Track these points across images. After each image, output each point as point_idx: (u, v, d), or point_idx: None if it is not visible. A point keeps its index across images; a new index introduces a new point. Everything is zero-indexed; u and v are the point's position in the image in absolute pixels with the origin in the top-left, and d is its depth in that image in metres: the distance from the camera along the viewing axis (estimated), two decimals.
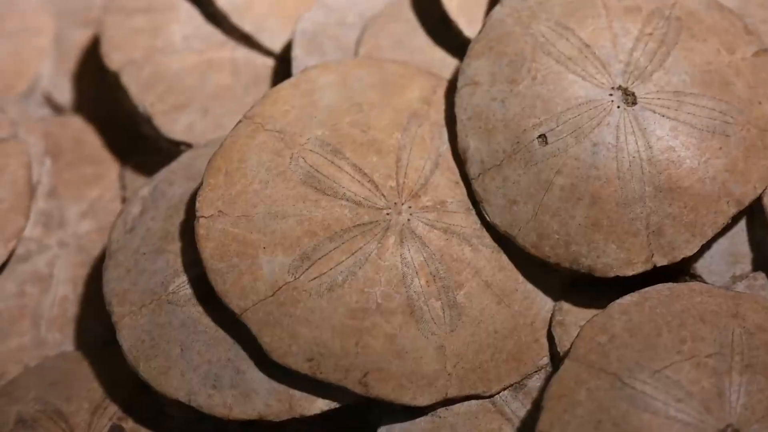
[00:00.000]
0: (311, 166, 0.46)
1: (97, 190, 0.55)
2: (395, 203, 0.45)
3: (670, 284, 0.45)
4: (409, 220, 0.45)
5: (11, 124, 0.52)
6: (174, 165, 0.50)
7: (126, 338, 0.45)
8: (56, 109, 0.62)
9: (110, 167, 0.57)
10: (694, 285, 0.45)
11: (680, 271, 0.46)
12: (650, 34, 0.47)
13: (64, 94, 0.62)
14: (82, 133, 0.58)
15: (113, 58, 0.55)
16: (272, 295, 0.44)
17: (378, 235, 0.45)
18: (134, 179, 0.56)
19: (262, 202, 0.45)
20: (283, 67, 0.54)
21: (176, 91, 0.54)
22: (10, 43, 0.61)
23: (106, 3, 0.58)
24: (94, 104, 0.61)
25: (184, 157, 0.50)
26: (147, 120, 0.53)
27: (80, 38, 0.63)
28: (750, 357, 0.42)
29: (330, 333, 0.44)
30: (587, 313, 0.46)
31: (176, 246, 0.47)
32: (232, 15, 0.54)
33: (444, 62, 0.52)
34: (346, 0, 0.54)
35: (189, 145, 0.52)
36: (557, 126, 0.45)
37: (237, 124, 0.47)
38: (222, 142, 0.47)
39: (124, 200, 0.56)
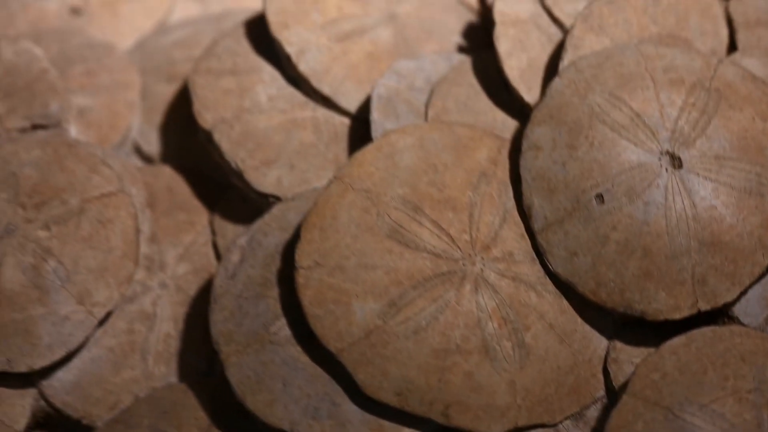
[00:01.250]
0: (395, 221, 0.52)
1: (190, 236, 0.62)
2: (470, 255, 0.52)
3: (713, 327, 0.51)
4: (482, 269, 0.52)
5: (118, 178, 0.58)
6: (267, 217, 0.56)
7: (233, 375, 0.51)
8: (144, 158, 0.68)
9: (201, 214, 0.63)
10: (734, 328, 0.51)
11: (720, 313, 0.53)
12: (693, 104, 0.53)
13: (152, 145, 0.68)
14: (173, 182, 0.64)
15: (206, 117, 0.61)
16: (365, 337, 0.50)
17: (455, 284, 0.51)
18: (223, 225, 0.62)
19: (354, 255, 0.52)
20: (358, 125, 0.61)
21: (264, 148, 0.60)
22: (104, 98, 0.68)
23: (194, 65, 0.64)
24: (180, 154, 0.67)
25: (276, 210, 0.57)
26: (238, 174, 0.59)
27: (164, 92, 0.69)
28: None
29: (416, 371, 0.50)
30: (638, 352, 0.52)
31: (275, 292, 0.53)
32: (312, 79, 0.61)
33: (505, 123, 0.58)
34: (414, 66, 0.61)
35: (277, 198, 0.58)
36: (612, 187, 0.52)
37: (328, 184, 0.53)
38: (315, 200, 0.53)
39: (215, 244, 0.62)
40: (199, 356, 0.58)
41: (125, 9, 0.76)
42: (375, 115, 0.58)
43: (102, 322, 0.56)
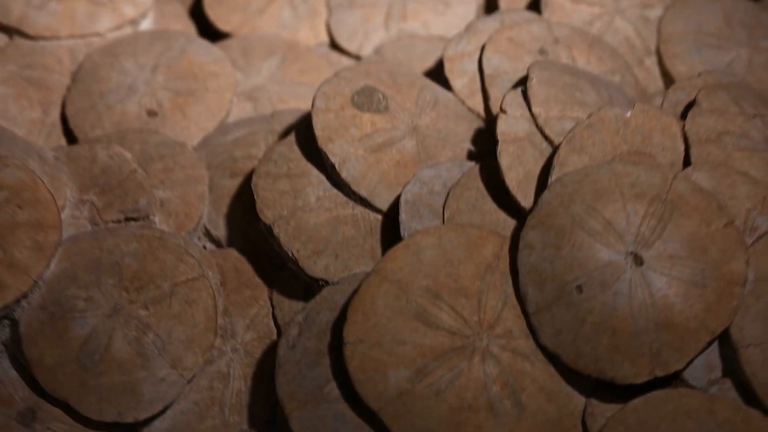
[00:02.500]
0: (420, 306, 0.67)
1: (254, 309, 0.76)
2: (478, 333, 0.66)
3: (666, 390, 0.66)
4: (488, 344, 0.66)
5: (199, 264, 0.73)
6: (318, 298, 0.71)
7: (296, 426, 0.66)
8: (213, 241, 0.82)
9: (262, 290, 0.78)
10: (682, 390, 0.66)
11: (673, 377, 0.67)
12: (652, 213, 0.68)
13: (219, 230, 0.82)
14: (239, 263, 0.79)
15: (266, 214, 0.76)
16: (397, 398, 0.65)
17: (467, 356, 0.66)
18: (280, 299, 0.77)
19: (388, 333, 0.66)
20: (389, 221, 0.75)
21: (314, 240, 0.74)
22: (179, 191, 0.82)
23: (256, 168, 0.78)
24: (243, 238, 0.82)
25: (325, 292, 0.71)
26: (294, 261, 0.74)
27: (228, 185, 0.84)
28: None
29: (437, 425, 0.65)
30: (610, 408, 0.67)
31: (327, 360, 0.68)
32: (352, 184, 0.75)
33: (506, 222, 0.73)
34: (433, 173, 0.75)
35: (326, 281, 0.73)
36: (589, 280, 0.66)
37: (368, 276, 0.68)
38: (358, 288, 0.68)
39: (274, 316, 0.77)
40: (265, 408, 0.73)
41: (192, 111, 0.90)
42: (403, 217, 0.73)
43: (189, 382, 0.71)
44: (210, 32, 1.01)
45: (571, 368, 0.67)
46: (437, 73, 0.88)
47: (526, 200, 0.72)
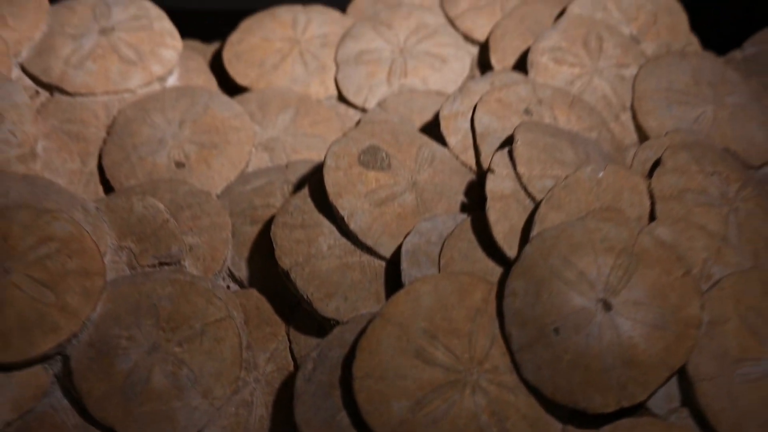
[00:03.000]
0: (419, 346, 0.77)
1: (274, 344, 0.87)
2: (469, 369, 0.77)
3: (632, 418, 0.76)
4: (477, 379, 0.76)
5: (225, 306, 0.83)
6: (330, 337, 0.81)
7: None
8: (236, 281, 0.93)
9: (280, 327, 0.88)
10: (646, 418, 0.76)
11: (639, 407, 0.78)
12: (620, 265, 0.78)
13: (242, 272, 0.93)
14: (260, 302, 0.89)
15: (284, 261, 0.86)
16: (399, 425, 0.75)
17: (460, 389, 0.76)
18: (296, 335, 0.87)
19: (391, 369, 0.76)
20: (392, 267, 0.85)
21: (326, 284, 0.85)
22: (206, 237, 0.92)
23: (275, 219, 0.88)
24: (263, 279, 0.92)
25: (336, 331, 0.82)
26: (308, 303, 0.84)
27: (249, 231, 0.94)
28: None
29: None
30: None
31: (338, 392, 0.78)
32: (359, 235, 0.85)
33: (494, 270, 0.83)
34: (430, 226, 0.85)
35: (337, 321, 0.83)
36: (564, 324, 0.76)
37: (374, 318, 0.78)
38: (365, 329, 0.78)
39: (291, 350, 0.87)
40: (282, 428, 0.84)
41: (216, 162, 1.00)
42: (404, 265, 0.83)
43: (218, 410, 0.82)
44: (229, 85, 1.12)
45: (550, 399, 0.77)
46: (434, 126, 0.98)
47: (511, 251, 0.82)
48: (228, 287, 0.91)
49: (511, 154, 0.87)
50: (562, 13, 1.10)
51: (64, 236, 0.84)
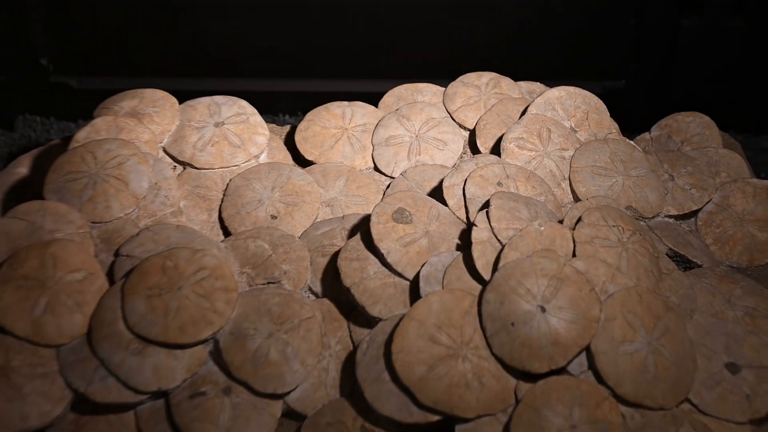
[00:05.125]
0: (431, 333, 1.25)
1: (340, 332, 1.31)
2: (461, 347, 1.24)
3: (557, 376, 1.25)
4: (465, 353, 1.24)
5: (311, 309, 1.33)
6: (376, 328, 1.24)
7: (368, 396, 1.25)
8: (314, 294, 1.41)
9: (343, 323, 1.31)
10: (564, 376, 1.25)
11: (562, 370, 1.27)
12: (552, 285, 1.26)
13: (317, 287, 1.41)
14: (330, 307, 1.33)
15: (346, 281, 1.30)
16: (419, 380, 1.24)
17: (455, 359, 1.24)
18: (354, 328, 1.31)
19: (414, 347, 1.24)
20: (413, 285, 1.32)
21: (373, 296, 1.25)
22: (294, 265, 1.39)
23: (340, 254, 1.37)
24: (332, 292, 1.40)
25: (380, 325, 1.25)
26: (362, 308, 1.31)
27: (321, 261, 1.40)
28: None
29: (439, 393, 1.23)
30: (528, 385, 1.27)
31: (382, 361, 1.26)
32: (393, 266, 1.31)
33: (476, 288, 1.32)
34: (437, 260, 1.29)
35: (380, 319, 1.28)
36: (517, 320, 1.25)
37: (403, 317, 1.26)
38: (397, 323, 1.26)
39: (351, 337, 1.34)
40: (348, 387, 1.30)
41: (296, 215, 1.37)
42: (421, 284, 1.29)
43: (309, 373, 1.30)
44: (299, 159, 1.48)
45: (508, 365, 1.19)
46: (439, 191, 1.33)
47: (486, 276, 1.29)
48: (309, 297, 1.41)
49: (487, 214, 1.35)
50: (524, 112, 1.48)
51: (212, 266, 1.30)
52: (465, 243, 1.31)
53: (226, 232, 1.39)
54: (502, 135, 1.47)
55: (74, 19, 1.87)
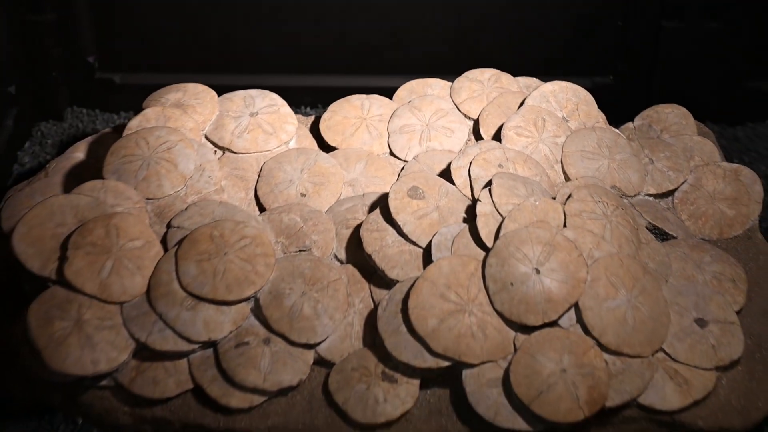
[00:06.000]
0: (441, 292, 1.44)
1: (363, 293, 1.48)
2: (467, 303, 1.44)
3: (549, 329, 1.45)
4: (471, 308, 1.43)
5: (338, 272, 1.52)
6: (395, 288, 1.44)
7: (388, 345, 1.43)
8: (339, 261, 1.60)
9: (365, 284, 1.49)
10: (556, 329, 1.44)
11: (554, 323, 1.46)
12: (546, 250, 1.45)
13: (341, 254, 1.59)
14: (353, 271, 1.53)
15: (368, 249, 1.48)
16: (433, 332, 1.43)
17: (462, 313, 1.44)
18: (375, 289, 1.51)
19: (428, 303, 1.44)
20: (426, 252, 1.49)
21: (392, 261, 1.48)
22: (322, 236, 1.58)
23: (363, 225, 1.56)
24: (354, 259, 1.59)
25: (397, 285, 1.44)
26: (382, 271, 1.50)
27: (345, 233, 1.60)
28: None
29: (450, 342, 1.42)
30: (524, 336, 1.46)
31: (400, 315, 1.46)
32: (409, 236, 1.51)
33: (480, 254, 1.51)
34: (447, 230, 1.41)
35: (397, 281, 1.48)
36: (515, 281, 1.43)
37: (417, 278, 1.45)
38: (413, 284, 1.46)
39: (372, 297, 1.54)
40: (370, 338, 1.48)
41: (323, 193, 1.44)
42: (433, 251, 1.43)
43: (337, 327, 1.48)
44: (324, 145, 1.58)
45: (508, 319, 1.33)
46: (447, 173, 1.42)
47: (489, 244, 1.46)
48: (335, 263, 1.59)
49: (490, 191, 1.44)
50: (522, 104, 1.58)
51: (253, 235, 1.43)
52: (470, 216, 1.42)
53: (262, 209, 1.49)
54: (503, 124, 1.57)
55: (117, 22, 2.06)
